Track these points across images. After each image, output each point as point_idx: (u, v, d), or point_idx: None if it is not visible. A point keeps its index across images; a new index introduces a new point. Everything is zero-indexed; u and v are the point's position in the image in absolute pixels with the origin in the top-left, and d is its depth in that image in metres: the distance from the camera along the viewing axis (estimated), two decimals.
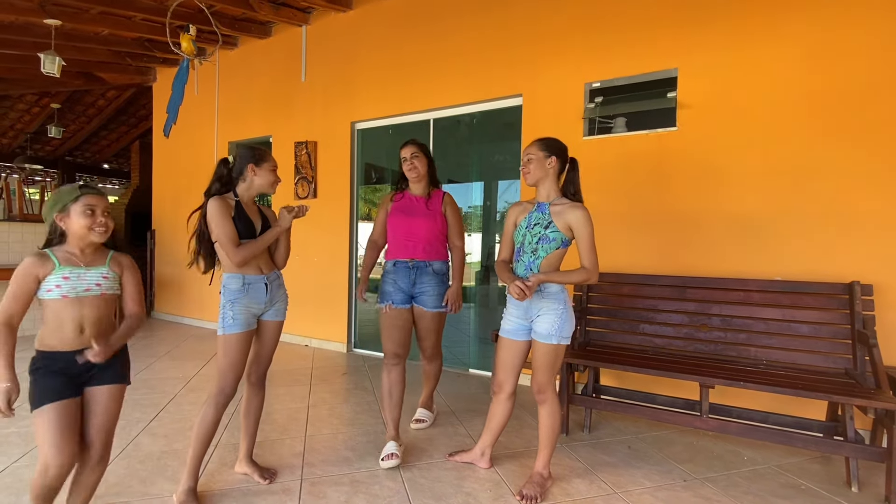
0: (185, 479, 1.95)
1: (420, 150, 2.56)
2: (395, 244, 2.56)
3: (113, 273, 1.63)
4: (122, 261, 1.68)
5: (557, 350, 2.02)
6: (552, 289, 2.01)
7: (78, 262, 1.56)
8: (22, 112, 8.31)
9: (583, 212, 1.97)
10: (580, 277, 1.96)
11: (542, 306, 2.01)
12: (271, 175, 2.05)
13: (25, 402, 1.54)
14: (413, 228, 2.51)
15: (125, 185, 12.02)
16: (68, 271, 1.53)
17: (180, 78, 4.85)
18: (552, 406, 2.08)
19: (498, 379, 2.20)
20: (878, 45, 2.60)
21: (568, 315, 2.02)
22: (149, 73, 6.41)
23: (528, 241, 2.04)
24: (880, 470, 2.23)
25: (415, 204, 2.57)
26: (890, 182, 2.58)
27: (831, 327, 2.56)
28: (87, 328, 1.55)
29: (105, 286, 1.59)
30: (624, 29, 3.28)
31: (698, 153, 3.06)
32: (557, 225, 1.99)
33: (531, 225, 2.05)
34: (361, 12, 4.55)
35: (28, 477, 2.12)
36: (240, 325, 1.95)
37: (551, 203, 2.04)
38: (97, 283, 1.57)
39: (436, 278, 2.51)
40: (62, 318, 1.53)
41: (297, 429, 2.76)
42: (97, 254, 1.62)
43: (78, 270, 1.55)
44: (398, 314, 2.48)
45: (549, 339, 2.00)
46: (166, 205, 6.38)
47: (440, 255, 2.56)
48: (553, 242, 1.99)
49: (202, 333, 5.43)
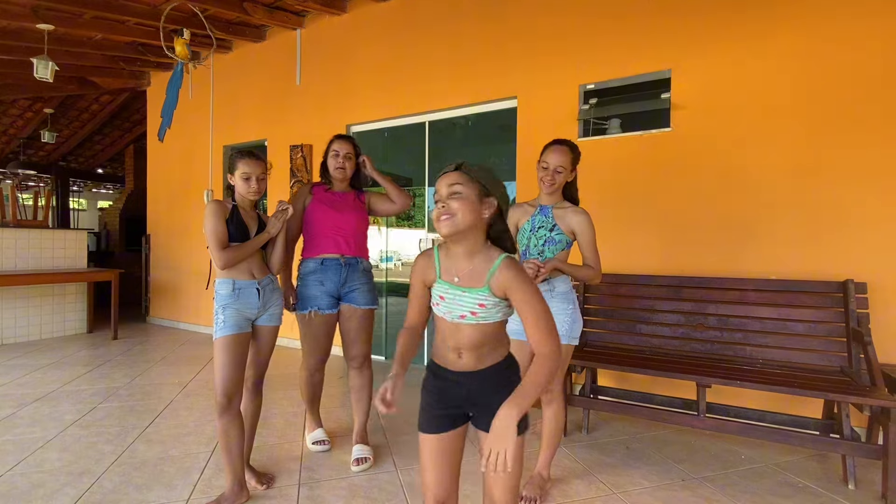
0: (228, 481, 1.97)
1: (353, 152, 2.43)
2: (321, 239, 2.37)
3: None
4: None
5: (568, 351, 2.04)
6: (561, 289, 2.02)
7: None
8: (15, 117, 8.26)
9: (585, 216, 2.01)
10: (588, 273, 2.01)
11: (552, 306, 1.96)
12: (242, 183, 2.01)
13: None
14: (340, 223, 2.37)
15: (119, 189, 11.98)
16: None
17: (174, 82, 4.83)
18: (559, 406, 2.09)
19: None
20: (870, 43, 2.63)
21: (577, 315, 2.04)
22: (143, 77, 6.39)
23: (534, 243, 2.06)
24: (877, 467, 2.24)
25: (341, 198, 2.44)
26: (883, 180, 2.60)
27: (826, 325, 2.58)
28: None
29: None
30: (617, 31, 3.30)
31: (692, 154, 3.08)
32: (561, 227, 2.03)
33: (535, 228, 2.07)
34: (356, 15, 4.55)
35: (22, 485, 2.11)
36: (231, 327, 1.94)
37: (555, 207, 2.06)
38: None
39: (366, 275, 2.45)
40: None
41: (294, 433, 2.75)
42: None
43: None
44: (325, 321, 2.36)
45: (562, 340, 1.99)
46: (161, 209, 6.35)
47: (366, 252, 2.50)
48: (559, 244, 2.03)
49: (198, 338, 5.40)
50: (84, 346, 4.92)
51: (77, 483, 2.13)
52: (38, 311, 5.23)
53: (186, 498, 2.03)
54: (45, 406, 3.10)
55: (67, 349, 4.74)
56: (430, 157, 4.25)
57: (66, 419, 2.88)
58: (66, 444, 2.54)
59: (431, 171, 4.25)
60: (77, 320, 5.55)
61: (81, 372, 3.91)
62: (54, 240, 5.38)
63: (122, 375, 3.83)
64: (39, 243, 5.24)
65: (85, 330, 5.60)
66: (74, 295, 5.54)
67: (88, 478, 2.18)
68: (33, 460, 2.35)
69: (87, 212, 13.06)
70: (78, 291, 5.57)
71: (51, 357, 4.40)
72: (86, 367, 4.06)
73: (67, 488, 2.09)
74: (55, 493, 2.05)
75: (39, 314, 5.23)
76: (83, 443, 2.55)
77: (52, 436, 2.63)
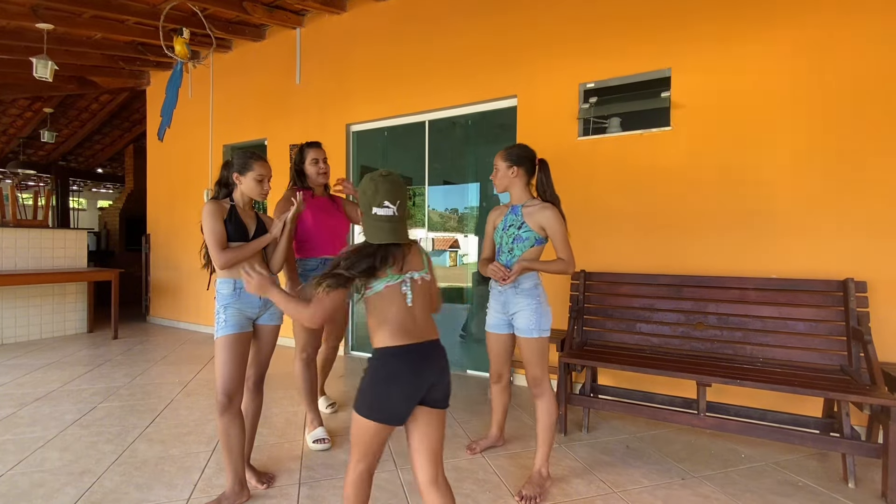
0: (229, 480, 1.97)
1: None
2: (321, 242, 2.61)
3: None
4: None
5: (541, 343, 2.12)
6: (526, 286, 2.14)
7: None
8: (14, 117, 8.25)
9: (552, 211, 2.10)
10: (558, 267, 2.11)
11: (518, 302, 2.14)
12: (255, 185, 2.02)
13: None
14: (336, 228, 2.65)
15: (119, 189, 11.98)
16: None
17: (174, 81, 4.83)
18: (549, 400, 2.13)
19: (495, 369, 2.38)
20: (871, 42, 2.63)
21: (543, 310, 2.14)
22: (142, 76, 6.39)
23: (505, 241, 2.20)
24: (877, 466, 2.25)
25: (325, 203, 2.67)
26: (883, 179, 2.60)
27: (826, 324, 2.58)
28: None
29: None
30: (617, 29, 3.30)
31: (692, 152, 3.08)
32: (530, 225, 2.13)
33: (507, 227, 2.20)
34: (355, 14, 4.55)
35: (23, 484, 2.11)
36: (232, 327, 1.94)
37: (524, 205, 2.18)
38: None
39: None
40: None
41: (295, 432, 2.75)
42: None
43: None
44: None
45: (531, 333, 2.11)
46: (161, 209, 6.35)
47: None
48: (527, 241, 2.14)
49: (198, 338, 5.40)
50: (84, 345, 4.92)
51: (78, 482, 2.14)
52: (39, 310, 5.23)
53: (187, 497, 2.04)
54: (45, 405, 3.10)
55: (68, 349, 4.75)
56: (430, 157, 4.25)
57: (66, 419, 2.88)
58: (66, 443, 2.54)
59: (431, 170, 4.25)
60: (77, 320, 5.55)
61: (82, 371, 3.92)
62: (54, 239, 5.38)
63: (122, 375, 3.83)
64: (39, 243, 5.25)
65: (85, 329, 5.60)
66: (75, 295, 5.54)
67: (89, 477, 2.18)
68: (34, 460, 2.35)
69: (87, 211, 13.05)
70: (78, 291, 5.57)
71: (51, 357, 4.41)
72: (86, 367, 4.06)
73: (68, 488, 2.09)
74: (56, 492, 2.05)
75: (40, 314, 5.24)
76: (84, 442, 2.55)
77: (53, 435, 2.64)
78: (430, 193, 4.29)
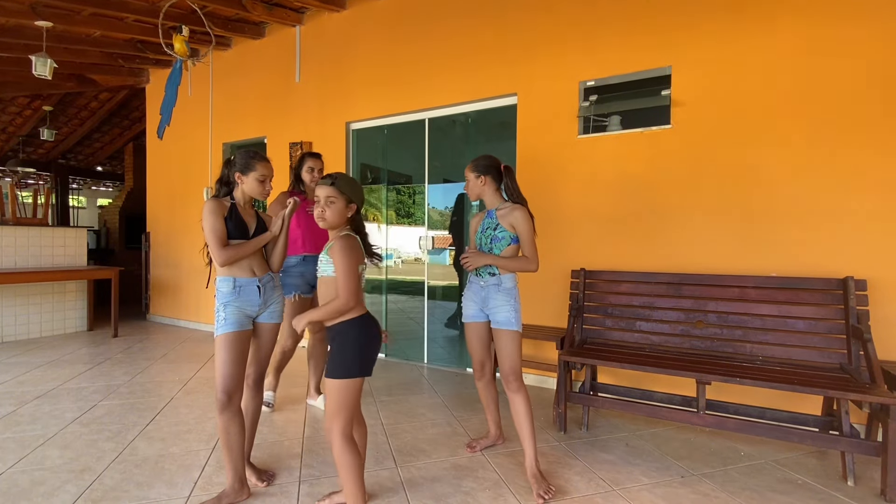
0: (229, 478, 1.98)
1: (322, 166, 3.00)
2: (307, 240, 2.94)
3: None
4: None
5: (518, 336, 2.25)
6: (507, 285, 2.27)
7: None
8: (14, 115, 8.23)
9: (520, 212, 2.24)
10: (521, 265, 2.26)
11: (498, 298, 2.27)
12: (257, 185, 2.03)
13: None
14: (314, 227, 2.87)
15: (119, 187, 11.97)
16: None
17: (173, 79, 4.82)
18: (524, 393, 2.20)
19: (478, 359, 2.45)
20: (871, 41, 2.62)
21: (519, 307, 2.30)
22: (142, 74, 6.38)
23: (484, 241, 2.34)
24: (876, 464, 2.25)
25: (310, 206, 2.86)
26: (883, 177, 2.60)
27: (826, 323, 2.58)
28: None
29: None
30: (618, 27, 3.29)
31: (692, 150, 3.07)
32: (504, 225, 2.28)
33: (484, 230, 2.35)
34: (355, 12, 4.54)
35: (23, 482, 2.11)
36: (232, 325, 1.94)
37: (497, 209, 2.33)
38: None
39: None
40: None
41: (294, 430, 2.75)
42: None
43: None
44: (305, 302, 2.93)
45: (511, 326, 2.23)
46: (161, 207, 6.35)
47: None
48: (503, 241, 2.28)
49: (198, 336, 5.40)
50: (84, 343, 4.93)
51: (78, 480, 2.14)
52: (39, 308, 5.23)
53: (187, 495, 2.04)
54: (45, 404, 3.10)
55: (68, 347, 4.75)
56: (430, 155, 4.24)
57: (66, 417, 2.88)
58: (66, 441, 2.54)
59: (431, 168, 4.24)
60: (77, 318, 5.56)
61: (82, 369, 3.92)
62: (54, 238, 5.38)
63: (122, 373, 3.84)
64: (39, 241, 5.24)
65: (85, 328, 5.60)
66: (74, 293, 5.54)
67: (89, 475, 2.19)
68: (34, 458, 2.35)
69: (87, 209, 13.03)
70: (78, 289, 5.57)
71: (51, 355, 4.41)
72: (86, 365, 4.06)
73: (68, 486, 2.09)
74: (56, 490, 2.06)
75: (40, 312, 5.24)
76: (84, 440, 2.56)
77: (53, 433, 2.64)
78: (430, 192, 4.29)
